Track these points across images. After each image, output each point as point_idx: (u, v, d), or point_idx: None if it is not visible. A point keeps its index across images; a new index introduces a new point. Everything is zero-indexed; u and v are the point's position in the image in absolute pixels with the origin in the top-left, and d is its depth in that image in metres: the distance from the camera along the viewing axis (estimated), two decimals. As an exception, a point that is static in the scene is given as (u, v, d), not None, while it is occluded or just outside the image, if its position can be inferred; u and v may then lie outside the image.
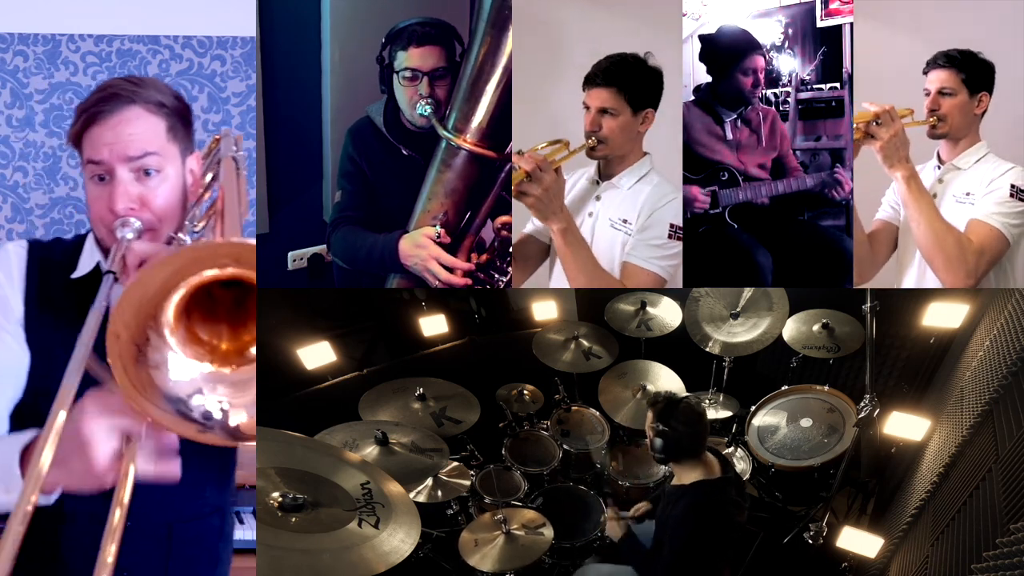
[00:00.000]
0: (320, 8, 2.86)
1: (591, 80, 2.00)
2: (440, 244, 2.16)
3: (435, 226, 2.17)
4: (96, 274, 1.57)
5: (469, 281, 2.17)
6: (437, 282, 2.17)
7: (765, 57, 2.29)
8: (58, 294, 1.58)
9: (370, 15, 2.68)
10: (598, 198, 2.13)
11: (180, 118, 1.58)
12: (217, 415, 1.13)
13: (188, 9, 3.22)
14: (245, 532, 2.77)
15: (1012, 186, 1.98)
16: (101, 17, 3.23)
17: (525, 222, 2.23)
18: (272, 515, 1.69)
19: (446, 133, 2.13)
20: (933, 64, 2.06)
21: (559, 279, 2.16)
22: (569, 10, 2.31)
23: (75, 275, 1.60)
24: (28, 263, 1.60)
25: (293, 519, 1.70)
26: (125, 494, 1.14)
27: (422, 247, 2.15)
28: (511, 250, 2.20)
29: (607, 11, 2.30)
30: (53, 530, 1.55)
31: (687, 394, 2.22)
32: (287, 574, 1.59)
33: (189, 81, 3.30)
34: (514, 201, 2.17)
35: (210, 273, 1.09)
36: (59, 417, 1.11)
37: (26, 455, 1.24)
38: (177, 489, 1.61)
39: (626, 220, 2.07)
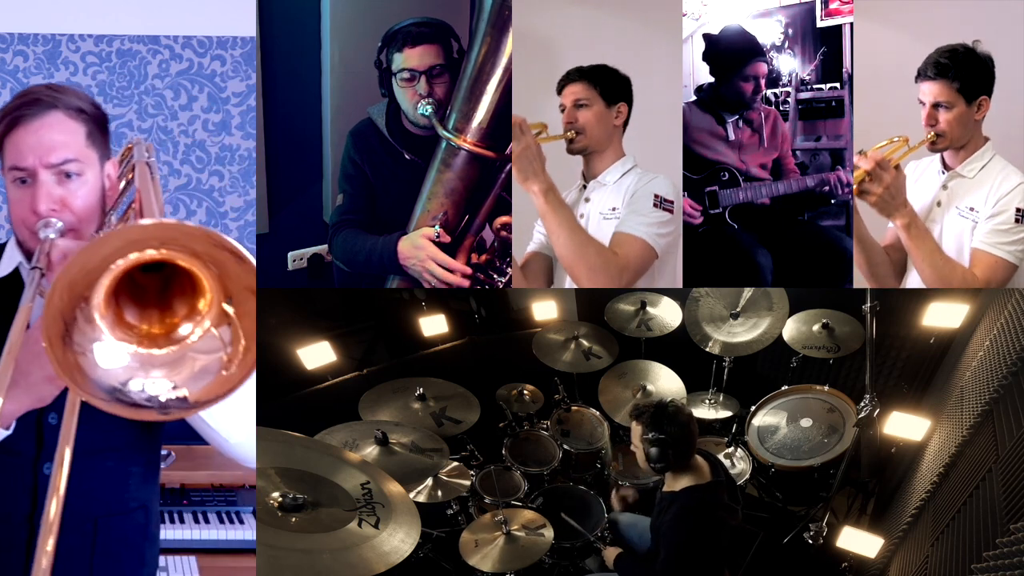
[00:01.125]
0: (320, 8, 2.86)
1: (564, 80, 2.07)
2: (440, 244, 2.17)
3: (434, 227, 2.18)
4: (16, 276, 1.62)
5: (467, 283, 2.18)
6: (436, 283, 2.17)
7: (768, 63, 2.29)
8: None
9: (370, 15, 2.68)
10: (587, 199, 2.15)
11: (98, 125, 1.63)
12: (165, 396, 1.16)
13: (188, 9, 3.22)
14: (245, 532, 2.77)
15: (1018, 210, 1.92)
16: (101, 17, 3.23)
17: (529, 229, 2.24)
18: (272, 515, 1.69)
19: (446, 133, 2.14)
20: (924, 75, 1.96)
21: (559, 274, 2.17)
22: (570, 10, 2.31)
23: None
24: None
25: (293, 519, 1.70)
26: (61, 483, 1.18)
27: (420, 248, 2.17)
28: (511, 254, 2.21)
29: (607, 11, 2.30)
30: None
31: (670, 398, 2.20)
32: (287, 574, 1.59)
33: (189, 81, 3.30)
34: (513, 201, 2.18)
35: (143, 255, 1.12)
36: (14, 347, 1.19)
37: None
38: (102, 483, 1.64)
39: (614, 208, 2.10)
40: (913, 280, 2.13)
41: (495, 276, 2.24)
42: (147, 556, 1.75)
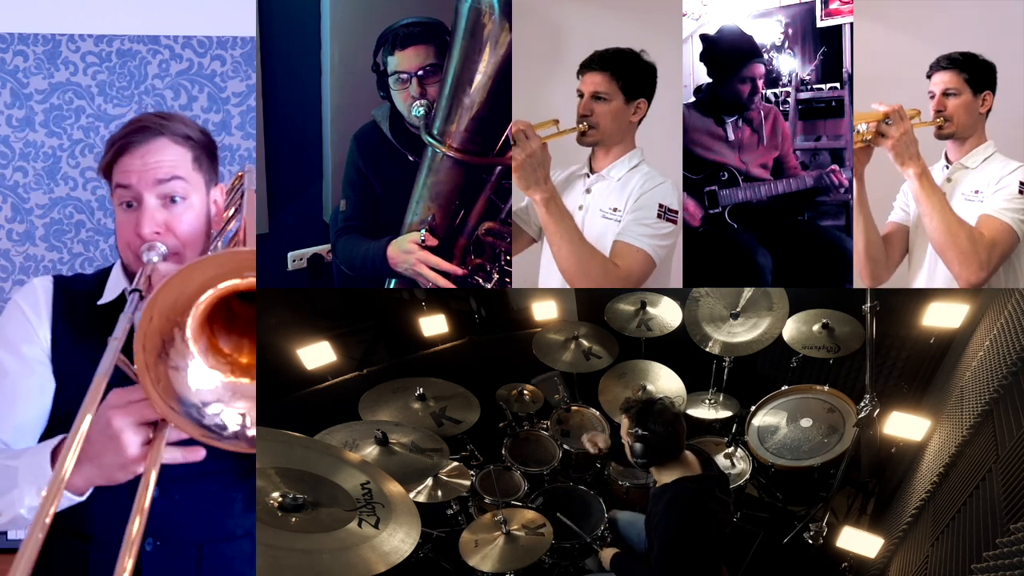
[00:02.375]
0: (320, 8, 2.86)
1: (586, 66, 2.00)
2: (428, 248, 2.19)
3: (421, 231, 2.20)
4: (122, 300, 1.61)
5: (460, 272, 2.19)
6: (428, 285, 2.20)
7: (765, 63, 2.30)
8: (84, 321, 1.62)
9: (370, 15, 2.68)
10: (588, 191, 2.13)
11: (205, 151, 1.67)
12: (233, 427, 1.16)
13: (188, 9, 3.22)
14: (245, 532, 2.77)
15: (1021, 183, 2.01)
16: (101, 17, 3.23)
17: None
18: (272, 515, 1.69)
19: (430, 139, 2.15)
20: (936, 67, 2.08)
21: (547, 274, 2.16)
22: (569, 9, 2.31)
23: (102, 301, 1.65)
24: (55, 295, 1.65)
25: (293, 519, 1.70)
26: (146, 502, 1.15)
27: (409, 252, 2.19)
28: (503, 256, 2.22)
29: (607, 10, 2.30)
30: (82, 554, 1.56)
31: (661, 395, 2.20)
32: (287, 574, 1.59)
33: (189, 81, 3.30)
34: (514, 190, 2.17)
35: (241, 282, 1.12)
36: (85, 420, 1.13)
37: (56, 456, 1.26)
38: (208, 509, 1.63)
39: (616, 208, 2.06)
40: (918, 279, 2.14)
41: (480, 281, 2.25)
42: None
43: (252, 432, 1.17)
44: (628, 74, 1.98)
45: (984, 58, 2.05)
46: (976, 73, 2.05)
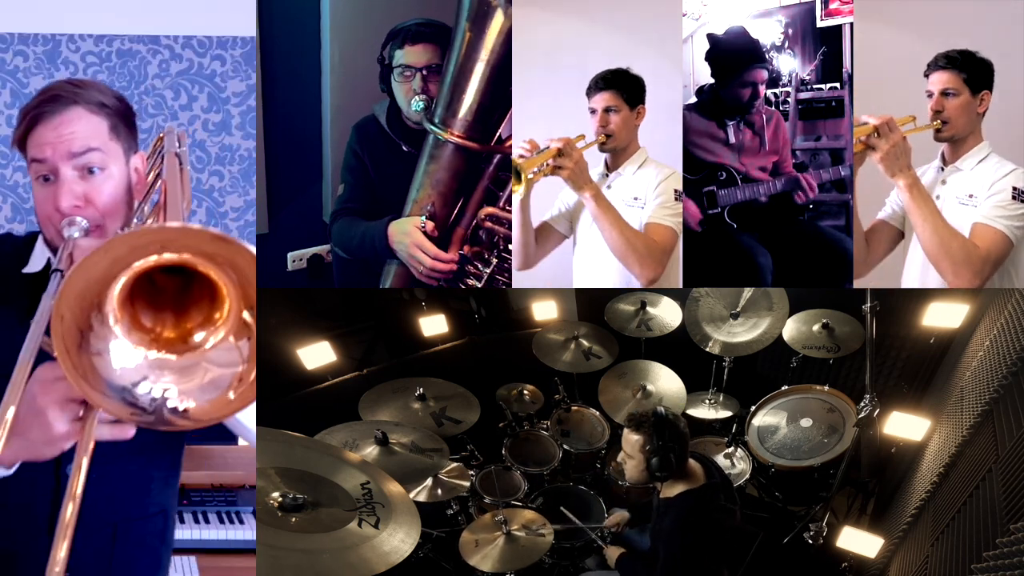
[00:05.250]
0: (320, 8, 2.87)
1: (594, 87, 2.20)
2: (427, 236, 2.25)
3: (422, 216, 2.26)
4: (48, 271, 1.58)
5: (453, 267, 2.27)
6: (421, 268, 2.26)
7: (768, 69, 2.30)
8: (10, 288, 1.59)
9: (370, 15, 2.69)
10: (609, 187, 2.25)
11: (122, 118, 1.60)
12: (163, 405, 1.15)
13: (188, 9, 3.22)
14: (245, 532, 2.78)
15: (1014, 188, 1.99)
16: (101, 17, 3.23)
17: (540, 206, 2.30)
18: (272, 515, 1.69)
19: (432, 127, 2.22)
20: (934, 66, 2.07)
21: (581, 259, 2.30)
22: (569, 9, 2.32)
23: (27, 270, 1.62)
24: None
25: (293, 519, 1.70)
26: (78, 487, 1.15)
27: (408, 234, 2.27)
28: (500, 246, 2.28)
29: (607, 10, 2.30)
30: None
31: (662, 407, 2.20)
32: (287, 574, 1.59)
33: (189, 81, 3.29)
34: (515, 198, 2.19)
35: (151, 260, 1.10)
36: (17, 395, 1.14)
37: None
38: (124, 487, 1.62)
39: (637, 197, 2.23)
40: (910, 280, 2.14)
41: (480, 267, 2.30)
42: (163, 560, 1.75)
43: (182, 407, 1.15)
44: (627, 87, 2.20)
45: (982, 56, 2.04)
46: (974, 73, 2.04)
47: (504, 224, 2.27)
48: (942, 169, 2.12)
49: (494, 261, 2.29)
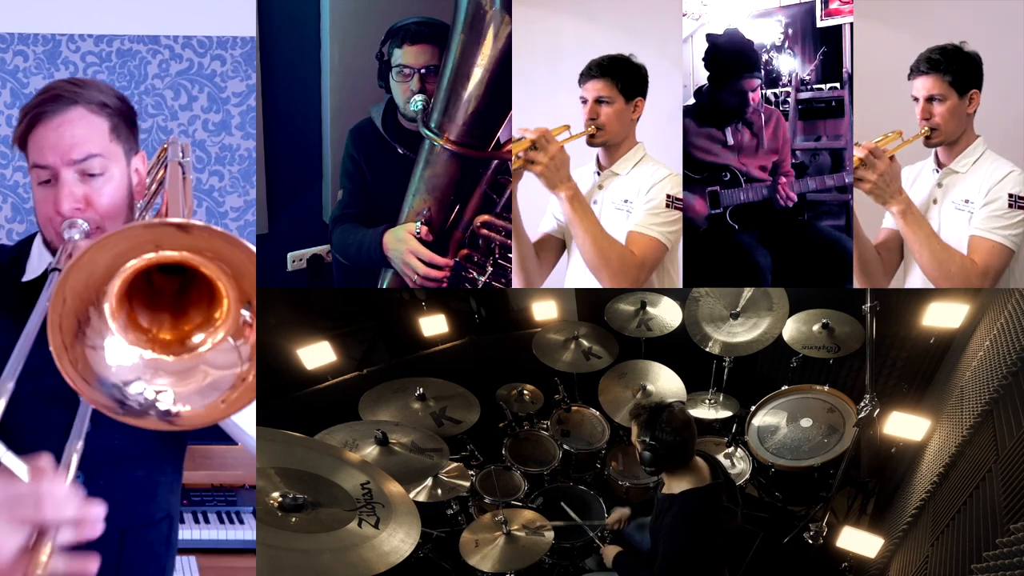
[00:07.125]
0: (320, 8, 2.86)
1: (587, 74, 2.10)
2: (423, 242, 2.22)
3: (418, 223, 2.24)
4: (47, 277, 1.56)
5: (447, 274, 2.23)
6: (416, 277, 2.23)
7: (760, 77, 2.30)
8: (8, 298, 1.58)
9: (369, 15, 2.68)
10: (600, 187, 2.19)
11: (123, 118, 1.59)
12: (155, 406, 1.12)
13: (188, 9, 3.22)
14: (245, 532, 2.77)
15: (1010, 195, 1.95)
16: (101, 17, 3.23)
17: (533, 217, 2.27)
18: (272, 515, 1.70)
19: (428, 133, 2.18)
20: (916, 71, 2.01)
21: (574, 273, 2.22)
22: (569, 9, 2.32)
23: (26, 278, 1.61)
24: None
25: (293, 519, 1.70)
26: None
27: (402, 241, 2.23)
28: (498, 250, 2.25)
29: (607, 10, 2.30)
30: None
31: (671, 400, 2.19)
32: (287, 574, 1.59)
33: (189, 81, 3.29)
34: (515, 205, 2.19)
35: (150, 256, 1.08)
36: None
37: None
38: (131, 493, 1.60)
39: (627, 200, 2.14)
40: (913, 280, 2.14)
41: (473, 272, 2.28)
42: (167, 565, 1.75)
43: (174, 410, 1.14)
44: (624, 76, 2.09)
45: (967, 50, 1.98)
46: (960, 72, 1.97)
47: (500, 232, 2.22)
48: (937, 171, 2.09)
49: (490, 269, 2.26)
